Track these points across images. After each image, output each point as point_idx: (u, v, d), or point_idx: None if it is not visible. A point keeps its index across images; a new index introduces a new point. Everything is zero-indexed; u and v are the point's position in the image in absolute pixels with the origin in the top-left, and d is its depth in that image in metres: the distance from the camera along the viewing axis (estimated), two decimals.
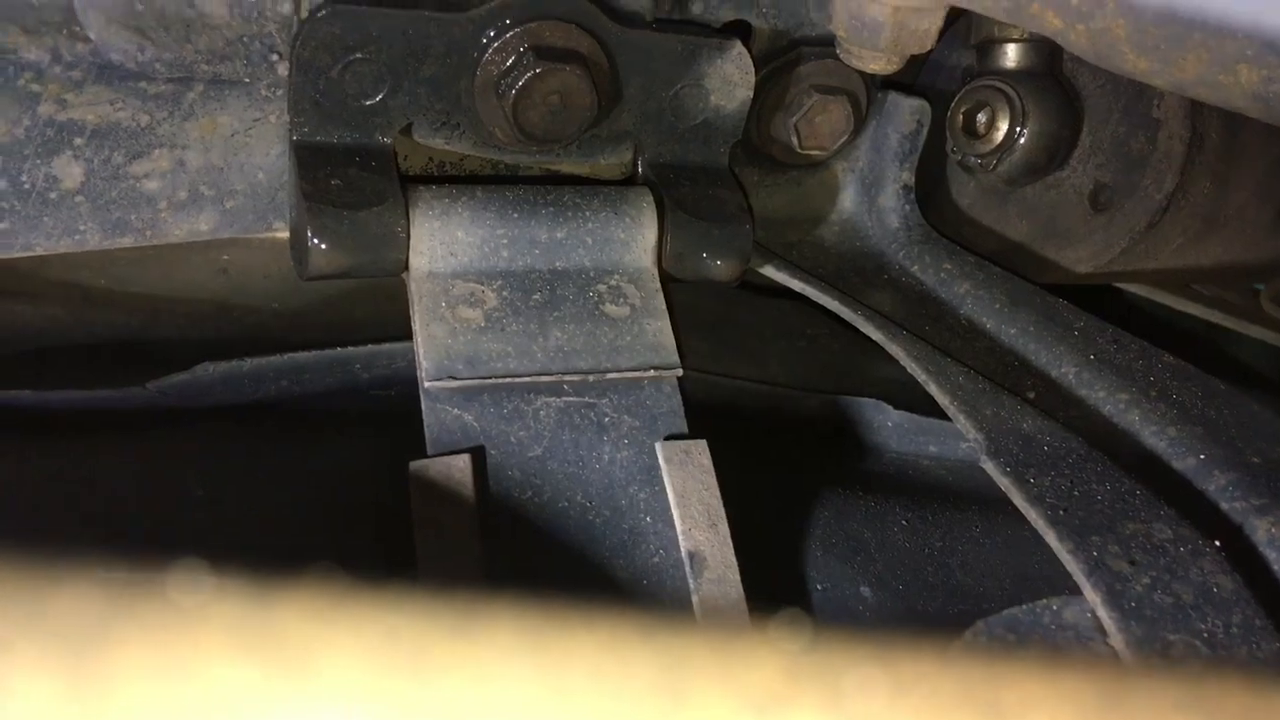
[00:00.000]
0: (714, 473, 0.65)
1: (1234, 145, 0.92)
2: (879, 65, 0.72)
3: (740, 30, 0.77)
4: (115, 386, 0.70)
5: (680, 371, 0.69)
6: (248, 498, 0.68)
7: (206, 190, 0.70)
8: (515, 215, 0.69)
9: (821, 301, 0.79)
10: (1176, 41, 0.61)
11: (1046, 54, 0.84)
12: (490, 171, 0.76)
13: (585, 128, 0.70)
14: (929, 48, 0.71)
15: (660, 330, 0.70)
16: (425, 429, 0.63)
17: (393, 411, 0.72)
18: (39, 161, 0.65)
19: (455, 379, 0.64)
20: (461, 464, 0.61)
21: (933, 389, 0.71)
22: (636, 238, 0.72)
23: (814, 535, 0.76)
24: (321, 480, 0.70)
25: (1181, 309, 1.18)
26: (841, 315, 0.78)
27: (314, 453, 0.71)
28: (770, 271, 0.80)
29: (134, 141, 0.67)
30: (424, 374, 0.64)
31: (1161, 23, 0.61)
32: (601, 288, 0.71)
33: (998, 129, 0.85)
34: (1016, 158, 0.86)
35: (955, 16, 0.90)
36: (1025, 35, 0.83)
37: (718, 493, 0.64)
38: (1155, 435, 0.72)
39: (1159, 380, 0.77)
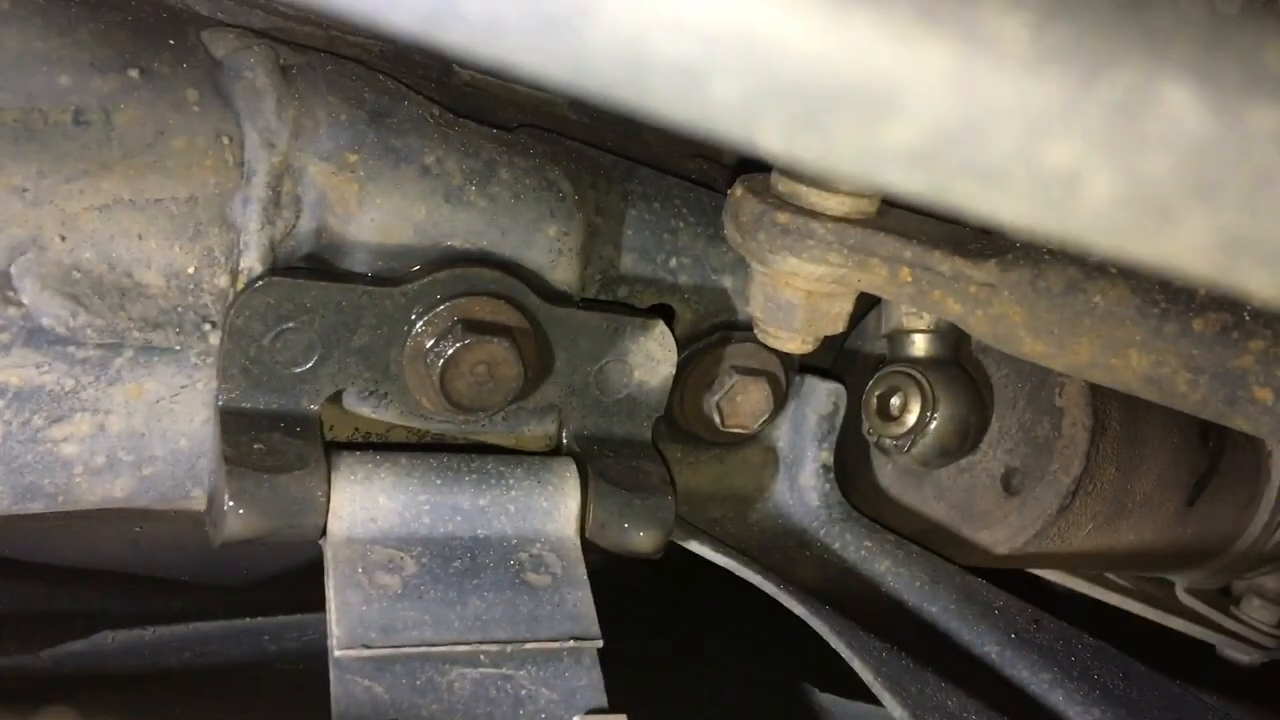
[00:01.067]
0: None
1: (1136, 435, 0.96)
2: (795, 345, 0.75)
3: (664, 311, 0.80)
4: (4, 655, 0.66)
5: (600, 643, 0.68)
6: None
7: (125, 456, 0.69)
8: (438, 482, 0.70)
9: (744, 576, 0.79)
10: (1069, 326, 0.66)
11: (952, 343, 0.89)
12: (416, 441, 0.76)
13: (511, 399, 0.71)
14: (841, 330, 0.75)
15: (581, 600, 0.69)
16: (332, 701, 0.60)
17: (301, 686, 0.69)
18: None
19: (368, 648, 0.62)
20: None
21: (856, 665, 0.70)
22: (559, 506, 0.72)
23: None
24: None
25: (1101, 599, 1.19)
26: (765, 590, 0.78)
27: None
28: (694, 546, 0.80)
29: (56, 405, 0.66)
30: (335, 642, 0.62)
31: (1054, 309, 0.66)
32: (523, 556, 0.70)
33: (910, 412, 0.88)
34: (929, 441, 0.89)
35: (868, 307, 0.96)
36: (931, 326, 0.88)
37: None
38: (1079, 716, 0.71)
39: (1080, 660, 0.77)
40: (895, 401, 0.89)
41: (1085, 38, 0.20)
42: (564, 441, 0.78)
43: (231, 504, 0.62)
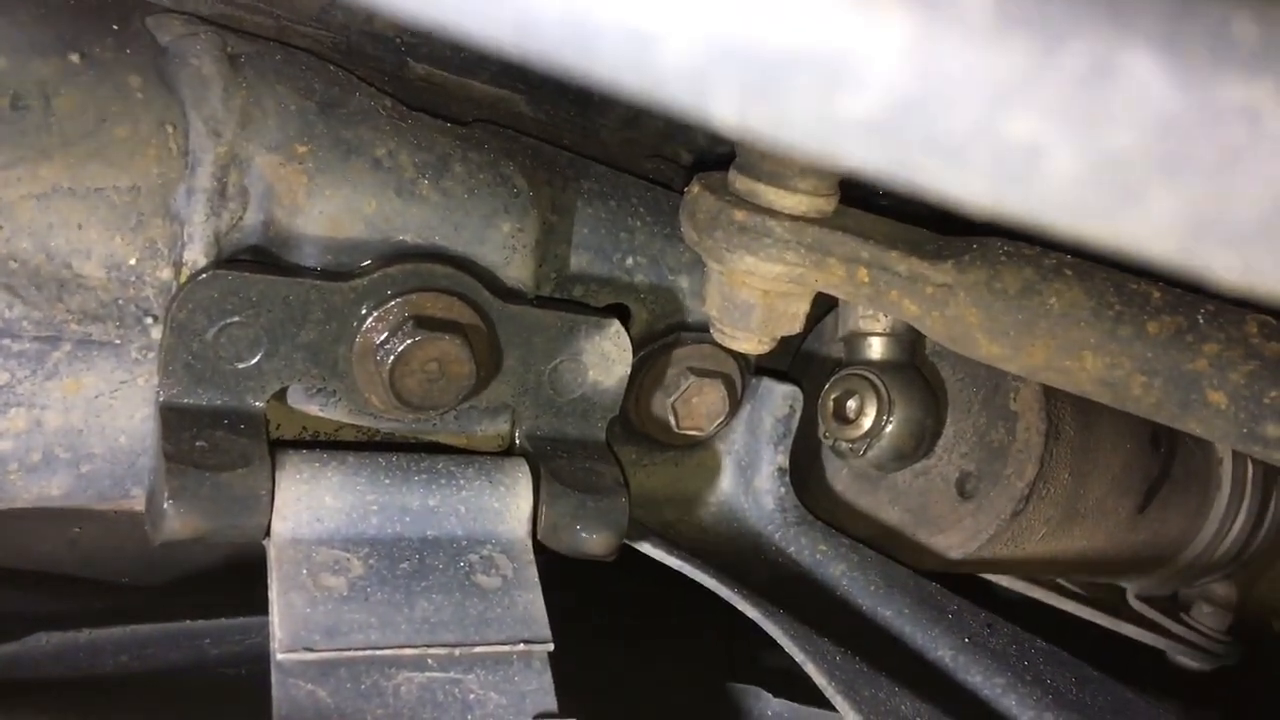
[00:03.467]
0: None
1: (1089, 440, 0.96)
2: (751, 346, 0.75)
3: (620, 311, 0.79)
4: None
5: (551, 646, 0.66)
6: None
7: (62, 453, 0.67)
8: (387, 481, 0.68)
9: (698, 579, 0.78)
10: (1025, 329, 0.65)
11: (908, 346, 0.89)
12: (365, 441, 0.75)
13: (463, 397, 0.70)
14: (798, 330, 0.75)
15: (532, 603, 0.68)
16: (273, 705, 0.58)
17: (242, 691, 0.67)
18: None
19: (311, 651, 0.61)
20: None
21: (810, 668, 0.70)
22: (511, 508, 0.71)
23: None
24: None
25: (1053, 604, 1.19)
26: (719, 594, 0.77)
27: None
28: (647, 549, 0.79)
29: None
30: (277, 645, 0.60)
31: (1010, 311, 0.65)
32: (473, 558, 0.69)
33: (866, 416, 0.88)
34: (885, 444, 0.88)
35: (825, 310, 0.96)
36: (888, 329, 0.88)
37: None
38: None
39: (1033, 665, 0.77)
40: (851, 405, 0.89)
41: (1048, 6, 0.19)
42: (517, 442, 0.77)
43: (171, 502, 0.61)
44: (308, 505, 0.66)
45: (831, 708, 0.69)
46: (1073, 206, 0.20)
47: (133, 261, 0.65)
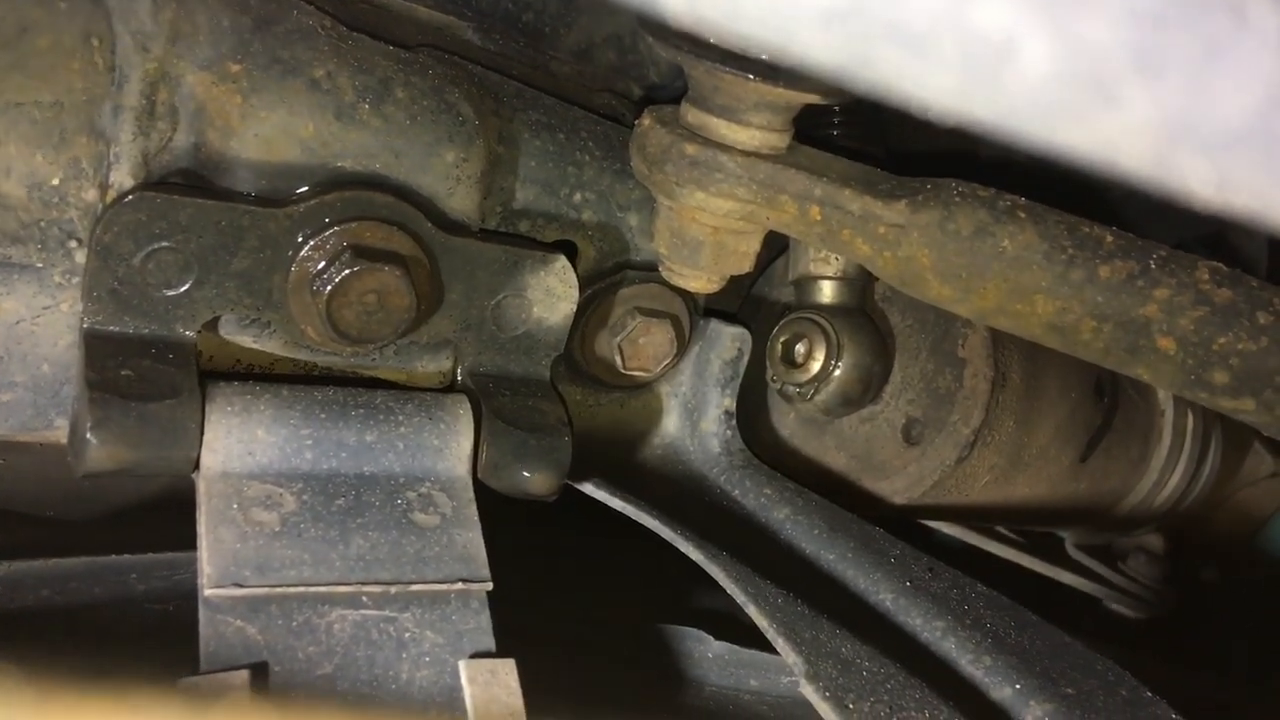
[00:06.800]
0: (521, 695, 0.60)
1: (1035, 389, 0.97)
2: (700, 284, 0.73)
3: (566, 248, 0.77)
4: None
5: (490, 585, 0.65)
6: None
7: None
8: (322, 415, 0.66)
9: (641, 521, 0.77)
10: (977, 271, 0.64)
11: (859, 290, 0.88)
12: (301, 375, 0.72)
13: (403, 331, 0.68)
14: (748, 269, 0.73)
15: (471, 542, 0.66)
16: (200, 642, 0.57)
17: (168, 627, 0.65)
18: None
19: (241, 587, 0.59)
20: (238, 681, 0.54)
21: (751, 611, 0.69)
22: (451, 445, 0.69)
23: None
24: None
25: (992, 551, 1.20)
26: (661, 535, 0.76)
27: (73, 671, 0.63)
28: (589, 489, 0.78)
29: None
30: (205, 580, 0.58)
31: (963, 252, 0.64)
32: (411, 495, 0.67)
33: (814, 359, 0.87)
34: (832, 389, 0.87)
35: (777, 253, 0.94)
36: (839, 273, 0.87)
37: (524, 717, 0.59)
38: (971, 664, 0.71)
39: (973, 609, 0.77)
40: (800, 348, 0.88)
41: None
42: (458, 378, 0.75)
43: (94, 433, 0.58)
44: (239, 438, 0.63)
45: (773, 650, 0.68)
46: (1044, 108, 0.19)
47: (55, 181, 0.62)
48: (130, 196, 0.61)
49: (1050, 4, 0.18)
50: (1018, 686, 0.69)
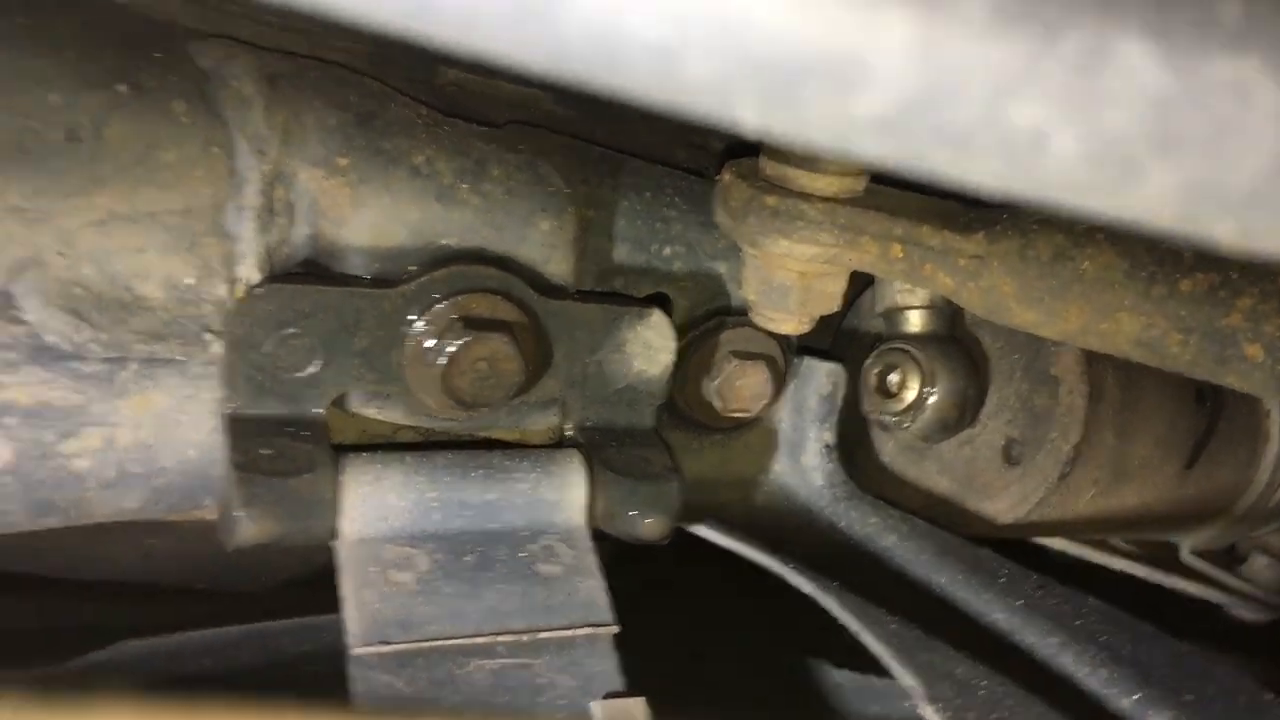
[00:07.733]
0: None
1: (1132, 400, 0.97)
2: (791, 327, 0.76)
3: (660, 300, 0.81)
4: (29, 668, 0.67)
5: (615, 629, 0.68)
6: None
7: (135, 468, 0.70)
8: (446, 478, 0.70)
9: (752, 558, 0.80)
10: (1059, 294, 0.66)
11: (947, 317, 0.90)
12: (422, 440, 0.77)
13: (514, 393, 0.72)
14: (836, 309, 0.76)
15: (594, 588, 0.70)
16: (352, 699, 0.61)
17: (321, 686, 0.69)
18: None
19: (387, 644, 0.63)
20: None
21: (866, 638, 0.71)
22: (566, 498, 0.73)
23: None
24: None
25: (1106, 564, 1.20)
26: (772, 570, 0.79)
27: None
28: (702, 531, 0.81)
29: (65, 420, 0.67)
30: (353, 640, 0.63)
31: (1043, 277, 0.66)
32: (534, 547, 0.71)
33: (908, 389, 0.89)
34: (929, 416, 0.89)
35: (863, 286, 0.97)
36: (926, 302, 0.89)
37: None
38: (1088, 677, 0.72)
39: (1087, 623, 0.78)
40: (893, 378, 0.90)
41: (1043, 0, 0.20)
42: (567, 433, 0.79)
43: (244, 510, 0.63)
44: (372, 505, 0.68)
45: (890, 676, 0.70)
46: (1077, 185, 0.22)
47: (190, 281, 0.68)
48: (258, 289, 0.67)
49: (1075, 99, 0.21)
50: (1136, 697, 0.70)
